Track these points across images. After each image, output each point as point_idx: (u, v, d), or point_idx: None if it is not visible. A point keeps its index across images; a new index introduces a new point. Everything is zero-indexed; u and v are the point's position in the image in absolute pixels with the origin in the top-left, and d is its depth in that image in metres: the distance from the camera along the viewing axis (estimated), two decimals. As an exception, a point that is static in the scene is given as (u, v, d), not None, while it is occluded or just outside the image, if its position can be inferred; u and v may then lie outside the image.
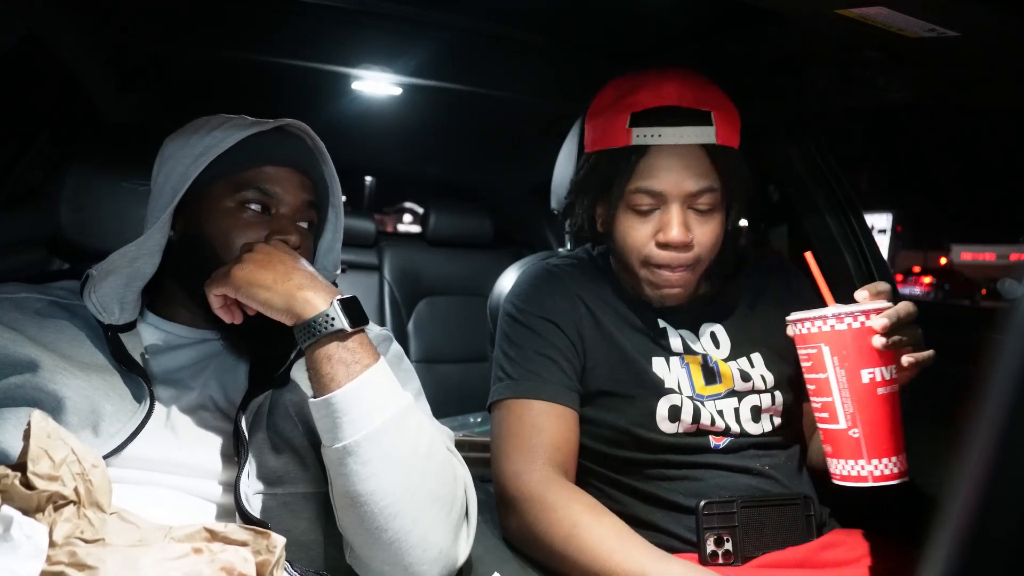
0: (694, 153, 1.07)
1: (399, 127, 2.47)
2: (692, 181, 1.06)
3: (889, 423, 0.87)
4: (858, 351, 0.86)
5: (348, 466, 0.81)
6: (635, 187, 1.08)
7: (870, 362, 0.86)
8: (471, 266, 2.76)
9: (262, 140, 0.98)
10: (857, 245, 1.70)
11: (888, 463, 0.87)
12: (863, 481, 0.87)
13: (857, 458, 0.87)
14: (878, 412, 0.86)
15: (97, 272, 0.96)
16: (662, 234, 1.07)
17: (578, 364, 1.14)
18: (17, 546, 0.56)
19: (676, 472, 1.10)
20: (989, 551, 0.29)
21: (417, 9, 1.49)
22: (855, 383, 0.87)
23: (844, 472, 0.88)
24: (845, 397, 0.87)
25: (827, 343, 0.88)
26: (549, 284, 1.20)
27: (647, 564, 0.92)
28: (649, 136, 1.06)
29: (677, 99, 1.07)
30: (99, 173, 1.23)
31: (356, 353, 0.84)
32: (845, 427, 0.88)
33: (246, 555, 0.65)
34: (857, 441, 0.87)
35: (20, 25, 1.28)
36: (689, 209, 1.08)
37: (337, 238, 1.10)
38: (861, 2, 0.94)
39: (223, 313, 0.89)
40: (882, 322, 0.85)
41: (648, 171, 1.07)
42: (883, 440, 0.86)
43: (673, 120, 1.06)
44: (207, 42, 1.78)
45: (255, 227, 0.96)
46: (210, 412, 0.93)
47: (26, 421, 0.64)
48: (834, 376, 0.88)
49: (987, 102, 1.26)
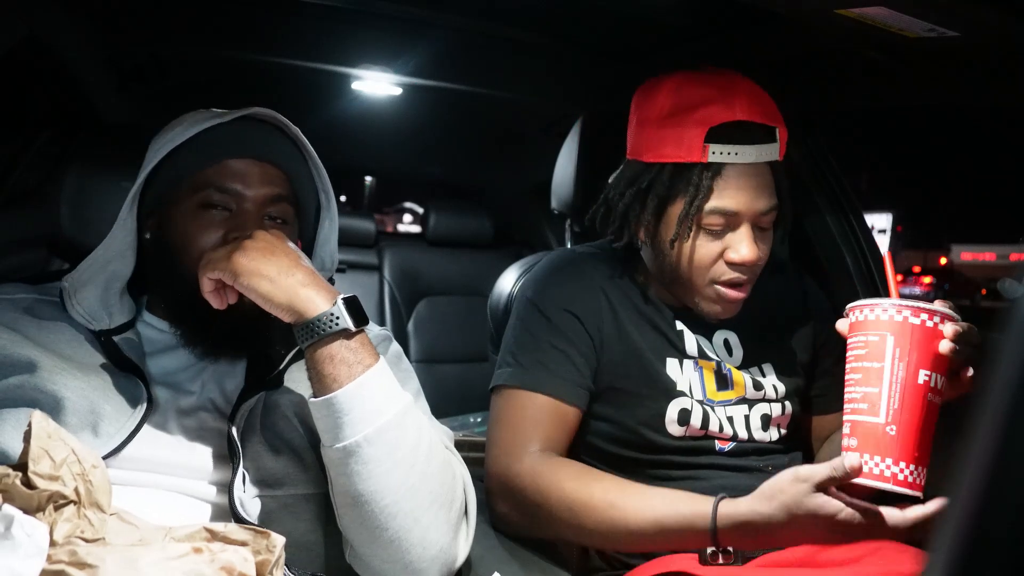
0: (763, 171, 1.05)
1: (399, 127, 2.47)
2: (763, 201, 1.04)
3: (927, 432, 0.85)
4: (924, 349, 0.85)
5: (349, 466, 0.81)
6: (713, 207, 1.03)
7: (931, 364, 0.84)
8: (471, 266, 2.76)
9: (224, 133, 0.95)
10: (857, 245, 1.69)
11: (914, 471, 0.84)
12: (886, 482, 0.84)
13: (885, 456, 0.84)
14: (921, 416, 0.84)
15: (70, 283, 0.96)
16: (735, 253, 1.05)
17: (593, 360, 1.11)
18: (18, 545, 0.57)
19: (680, 473, 1.10)
20: (989, 551, 0.29)
21: (417, 9, 1.49)
22: (910, 380, 0.84)
23: (867, 468, 0.85)
24: (895, 392, 0.84)
25: (894, 333, 0.85)
26: (573, 274, 1.16)
27: (651, 503, 0.94)
28: (727, 154, 1.02)
29: (748, 114, 1.03)
30: (99, 173, 1.23)
31: (358, 353, 0.83)
32: (883, 422, 0.85)
33: (246, 555, 0.65)
34: (892, 439, 0.84)
35: (20, 25, 1.28)
36: (755, 228, 1.06)
37: (333, 227, 1.08)
38: (861, 2, 0.94)
39: (213, 297, 0.86)
40: (955, 329, 0.84)
41: (724, 190, 1.03)
42: (917, 446, 0.84)
43: (747, 137, 1.03)
44: (207, 42, 1.78)
45: (216, 227, 0.93)
46: (209, 414, 0.93)
47: (26, 422, 0.64)
48: (890, 367, 0.85)
49: (987, 102, 1.26)
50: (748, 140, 1.03)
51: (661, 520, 0.94)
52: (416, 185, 5.86)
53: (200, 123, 0.94)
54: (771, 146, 1.04)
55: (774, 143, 1.05)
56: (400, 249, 2.75)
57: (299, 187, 1.02)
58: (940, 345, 0.84)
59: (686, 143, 1.03)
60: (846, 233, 1.70)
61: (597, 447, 1.14)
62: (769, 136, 1.04)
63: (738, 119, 1.03)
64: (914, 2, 0.93)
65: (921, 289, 23.27)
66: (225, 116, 0.95)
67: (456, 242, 2.80)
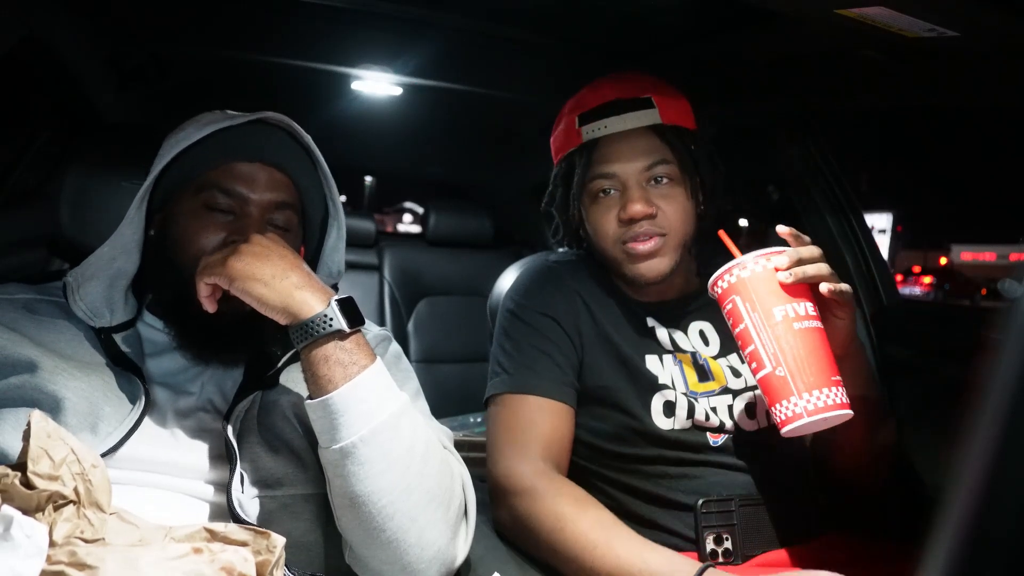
0: (641, 135, 1.14)
1: (399, 127, 2.47)
2: (642, 158, 1.13)
3: (814, 356, 0.88)
4: (765, 292, 0.90)
5: (346, 467, 0.81)
6: (592, 175, 1.15)
7: (780, 300, 0.89)
8: (471, 266, 2.76)
9: (235, 136, 0.95)
10: (857, 245, 1.70)
11: (820, 395, 0.86)
12: (800, 418, 0.86)
13: (789, 396, 0.87)
14: (799, 346, 0.88)
15: (74, 278, 0.96)
16: (624, 211, 1.12)
17: (575, 360, 1.15)
18: (17, 545, 0.57)
19: (675, 470, 1.10)
20: (989, 551, 0.29)
21: (417, 9, 1.49)
22: (770, 322, 0.89)
23: (783, 416, 0.88)
24: (765, 339, 0.89)
25: (737, 293, 0.92)
26: (549, 280, 1.22)
27: (627, 558, 0.93)
28: (596, 129, 1.14)
29: (616, 93, 1.15)
30: (99, 173, 1.23)
31: (353, 354, 0.83)
32: (771, 368, 0.88)
33: (246, 555, 0.65)
34: (784, 379, 0.87)
35: (20, 25, 1.28)
36: (649, 185, 1.13)
37: (341, 236, 1.09)
38: (861, 2, 0.94)
39: (208, 302, 0.86)
40: (782, 259, 0.90)
41: (600, 159, 1.15)
42: (810, 372, 0.87)
43: (615, 110, 1.14)
44: (207, 42, 1.78)
45: (217, 229, 0.93)
46: (207, 414, 0.93)
47: (25, 421, 0.64)
48: (750, 322, 0.90)
49: (987, 102, 1.26)
50: (615, 112, 1.14)
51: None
52: (416, 185, 5.87)
53: (212, 124, 0.94)
54: (642, 112, 1.13)
55: (648, 109, 1.13)
56: (400, 249, 2.75)
57: (306, 195, 1.02)
58: (779, 278, 0.90)
59: (567, 134, 1.19)
60: (846, 233, 1.70)
61: (592, 445, 1.15)
62: (643, 105, 1.14)
63: (605, 100, 1.15)
64: (914, 2, 0.92)
65: (921, 289, 23.28)
66: (237, 119, 0.95)
67: (456, 242, 2.80)
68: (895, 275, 7.06)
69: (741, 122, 1.71)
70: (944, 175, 77.19)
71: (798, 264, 0.90)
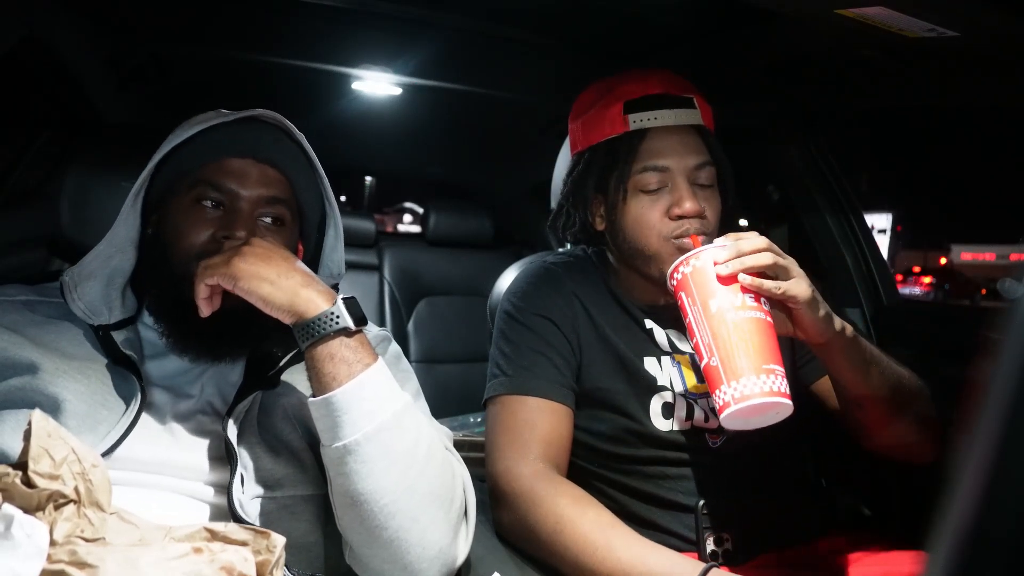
0: (688, 132, 1.13)
1: (399, 127, 2.47)
2: (693, 156, 1.11)
3: (744, 344, 0.87)
4: (703, 285, 0.91)
5: (348, 465, 0.81)
6: (642, 166, 1.11)
7: (715, 292, 0.90)
8: (471, 266, 2.75)
9: (227, 132, 0.95)
10: (857, 245, 1.70)
11: (748, 382, 0.85)
12: (728, 407, 0.86)
13: (719, 385, 0.87)
14: (729, 335, 0.88)
15: (71, 277, 0.96)
16: (676, 208, 1.09)
17: (574, 362, 1.15)
18: (18, 545, 0.57)
19: (674, 471, 1.10)
20: (989, 551, 0.29)
21: (417, 9, 1.49)
22: (706, 314, 0.90)
23: (718, 404, 0.87)
24: (703, 331, 0.90)
25: (682, 289, 0.93)
26: (547, 282, 1.21)
27: (628, 559, 0.93)
28: (646, 120, 1.11)
29: (664, 87, 1.13)
30: (99, 173, 1.23)
31: (358, 352, 0.83)
32: (707, 359, 0.89)
33: (246, 555, 0.65)
34: (716, 368, 0.88)
35: (20, 25, 1.28)
36: (694, 185, 1.11)
37: (338, 235, 1.09)
38: (861, 2, 0.94)
39: (204, 304, 0.86)
40: (717, 254, 0.91)
41: (651, 151, 1.11)
42: (739, 359, 0.86)
43: (663, 104, 1.12)
44: (207, 42, 1.78)
45: (207, 224, 0.93)
46: (207, 416, 0.93)
47: (25, 422, 0.64)
48: (692, 315, 0.92)
49: (987, 102, 1.26)
50: (664, 106, 1.12)
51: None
52: (416, 185, 5.86)
53: (204, 122, 0.95)
54: (689, 111, 1.13)
55: (693, 109, 1.13)
56: (400, 249, 2.75)
57: (300, 192, 1.01)
58: (718, 271, 0.90)
59: (609, 120, 1.14)
60: (846, 233, 1.70)
61: (591, 447, 1.15)
62: (687, 104, 1.13)
63: (653, 92, 1.13)
64: (914, 2, 0.93)
65: (921, 289, 23.28)
66: (229, 116, 0.95)
67: (456, 242, 2.80)
68: (895, 275, 7.07)
69: (741, 122, 1.70)
70: (944, 175, 77.17)
71: (736, 256, 0.90)
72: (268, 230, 0.95)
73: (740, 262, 0.90)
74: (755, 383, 0.85)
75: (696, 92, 1.15)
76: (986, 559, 0.29)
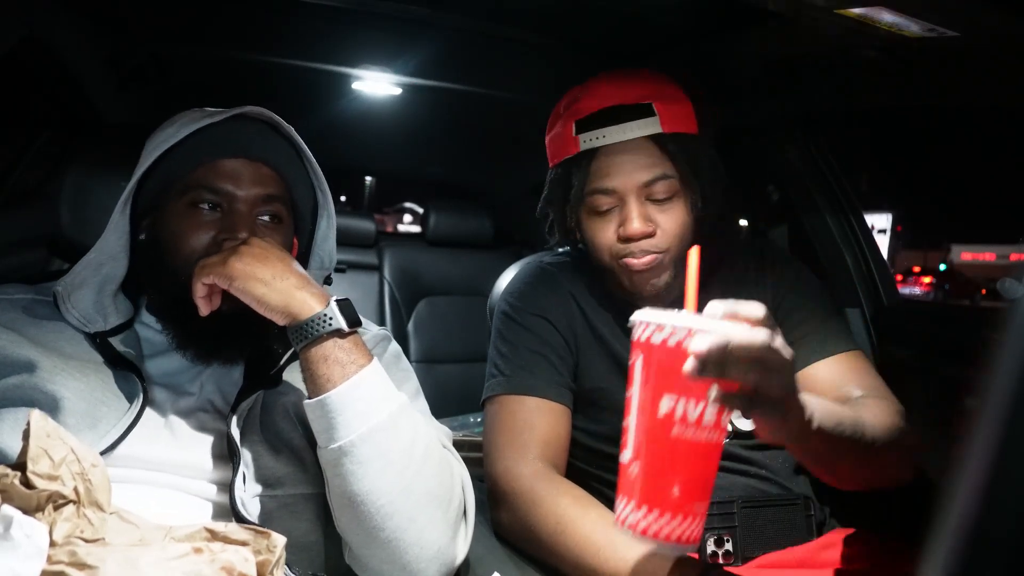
0: (641, 145, 1.09)
1: (399, 127, 2.47)
2: (642, 172, 1.08)
3: (679, 476, 0.66)
4: (665, 372, 0.65)
5: (344, 466, 0.81)
6: (590, 189, 1.10)
7: (678, 389, 0.65)
8: (471, 266, 2.76)
9: (216, 133, 0.94)
10: (857, 245, 1.70)
11: (662, 519, 0.66)
12: (625, 524, 0.68)
13: (630, 497, 0.67)
14: (667, 457, 0.66)
15: (64, 288, 0.95)
16: (622, 229, 1.09)
17: (571, 361, 1.15)
18: (17, 545, 0.56)
19: None
20: (989, 551, 0.29)
21: (417, 9, 1.49)
22: (651, 409, 0.66)
23: (619, 515, 0.68)
24: (640, 425, 0.67)
25: (643, 352, 0.68)
26: (543, 282, 1.22)
27: (630, 559, 0.92)
28: (593, 139, 1.09)
29: (616, 98, 1.09)
30: (99, 173, 1.23)
31: (352, 353, 0.84)
32: (629, 459, 0.68)
33: (246, 555, 0.65)
34: (634, 478, 0.67)
35: (20, 25, 1.28)
36: (648, 201, 1.09)
37: (331, 224, 1.08)
38: (861, 2, 0.94)
39: (203, 303, 0.87)
40: (698, 346, 0.62)
41: (599, 172, 1.10)
42: (663, 490, 0.66)
43: (614, 119, 1.09)
44: (207, 42, 1.78)
45: (207, 227, 0.92)
46: (208, 414, 0.93)
47: (24, 421, 0.64)
48: (637, 395, 0.68)
49: (987, 102, 1.26)
50: (614, 121, 1.08)
51: None
52: (416, 185, 5.85)
53: (192, 123, 0.94)
54: (644, 121, 1.08)
55: (651, 117, 1.08)
56: (400, 249, 2.75)
57: (293, 186, 1.01)
58: (685, 365, 0.63)
59: (564, 140, 1.13)
60: (846, 233, 1.70)
61: (588, 447, 1.15)
62: (643, 113, 1.08)
63: (603, 106, 1.09)
64: (914, 2, 0.93)
65: (921, 289, 23.28)
66: (217, 116, 0.95)
67: (456, 242, 2.80)
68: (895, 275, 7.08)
69: (741, 122, 1.70)
70: (944, 175, 77.19)
71: (719, 348, 0.62)
72: (267, 228, 0.95)
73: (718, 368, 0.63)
74: (670, 525, 0.66)
75: (663, 93, 1.11)
76: (986, 559, 0.29)
